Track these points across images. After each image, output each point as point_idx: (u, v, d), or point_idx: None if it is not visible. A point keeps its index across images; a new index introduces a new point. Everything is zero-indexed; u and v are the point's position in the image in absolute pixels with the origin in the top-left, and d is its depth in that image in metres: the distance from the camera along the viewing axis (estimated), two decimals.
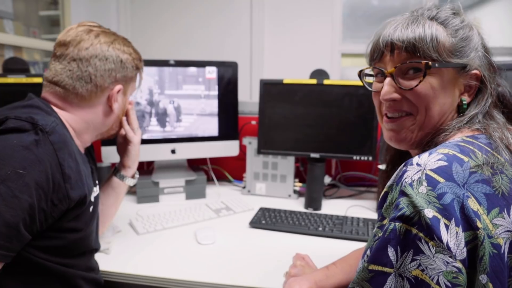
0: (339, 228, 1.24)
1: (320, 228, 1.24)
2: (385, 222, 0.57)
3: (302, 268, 0.93)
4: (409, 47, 0.65)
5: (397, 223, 0.54)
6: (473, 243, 0.51)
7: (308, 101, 1.49)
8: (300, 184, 1.58)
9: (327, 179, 1.55)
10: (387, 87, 0.67)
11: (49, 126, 0.76)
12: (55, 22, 3.10)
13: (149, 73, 1.48)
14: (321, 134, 1.49)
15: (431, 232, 0.51)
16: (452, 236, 0.50)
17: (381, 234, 0.56)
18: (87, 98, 0.90)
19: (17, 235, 0.70)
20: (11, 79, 1.30)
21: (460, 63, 0.66)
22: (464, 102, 0.67)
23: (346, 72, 3.46)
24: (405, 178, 0.56)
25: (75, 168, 0.79)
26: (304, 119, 1.49)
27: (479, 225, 0.51)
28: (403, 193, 0.55)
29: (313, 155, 1.48)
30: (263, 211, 1.38)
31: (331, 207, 1.48)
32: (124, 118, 1.09)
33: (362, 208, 1.46)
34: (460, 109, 0.68)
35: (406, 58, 0.65)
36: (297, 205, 1.51)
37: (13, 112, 0.77)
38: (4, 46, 2.44)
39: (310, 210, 1.43)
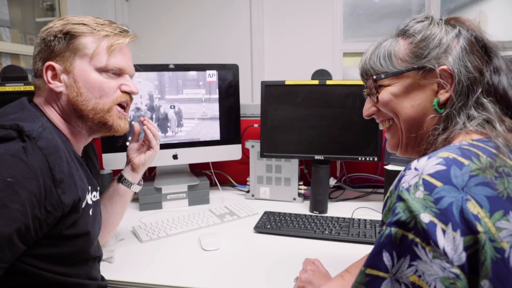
0: (345, 231, 1.22)
1: (327, 231, 1.21)
2: (384, 227, 0.57)
3: (313, 273, 0.91)
4: (363, 72, 0.78)
5: (393, 228, 0.54)
6: (473, 248, 0.49)
7: (311, 102, 1.47)
8: (305, 187, 1.56)
9: (332, 181, 1.53)
10: (365, 105, 0.81)
11: (36, 131, 0.73)
12: None
13: (148, 78, 1.46)
14: (324, 135, 1.47)
15: (427, 237, 0.50)
16: (449, 241, 0.49)
17: (378, 238, 0.57)
18: (36, 87, 0.88)
19: (9, 245, 0.68)
20: (9, 87, 1.29)
21: (411, 67, 0.70)
22: (434, 103, 0.69)
23: (348, 71, 3.44)
24: (403, 183, 0.56)
25: (67, 171, 0.77)
26: (307, 121, 1.47)
27: (480, 228, 0.49)
28: (400, 198, 0.55)
29: (317, 157, 1.46)
30: (267, 215, 1.35)
31: (337, 209, 1.46)
32: (145, 127, 1.09)
33: (368, 210, 1.44)
34: (441, 107, 0.69)
35: (368, 80, 0.78)
36: (302, 208, 1.49)
37: None
38: (1, 54, 2.42)
39: (315, 213, 1.41)
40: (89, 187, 0.89)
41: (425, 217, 0.51)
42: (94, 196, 0.91)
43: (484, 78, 0.67)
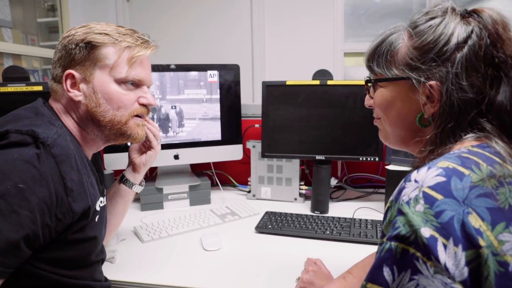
0: (347, 231, 1.22)
1: (328, 232, 1.21)
2: (384, 239, 0.56)
3: (315, 273, 0.91)
4: (367, 63, 0.76)
5: (393, 243, 0.52)
6: (475, 262, 0.48)
7: (312, 102, 1.47)
8: (306, 187, 1.56)
9: (333, 181, 1.53)
10: (366, 96, 0.80)
11: (51, 138, 0.73)
12: (54, 29, 3.09)
13: None
14: (326, 135, 1.47)
15: (428, 252, 0.49)
16: (450, 256, 0.48)
17: (378, 252, 0.55)
18: (54, 91, 0.88)
19: (15, 251, 0.68)
20: (11, 88, 1.29)
21: (401, 77, 0.68)
22: (417, 117, 0.67)
23: (349, 71, 3.44)
24: (403, 195, 0.54)
25: (77, 180, 0.77)
26: (308, 121, 1.47)
27: (482, 243, 0.48)
28: (400, 212, 0.53)
29: (318, 157, 1.46)
30: (269, 215, 1.35)
31: (338, 209, 1.46)
32: (145, 128, 1.04)
33: (370, 210, 1.44)
34: (426, 122, 0.67)
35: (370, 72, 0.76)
36: (304, 208, 1.48)
37: (15, 125, 0.74)
38: (3, 54, 2.43)
39: (316, 213, 1.41)
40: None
41: (426, 232, 0.49)
42: (101, 202, 0.91)
43: (483, 98, 0.60)
